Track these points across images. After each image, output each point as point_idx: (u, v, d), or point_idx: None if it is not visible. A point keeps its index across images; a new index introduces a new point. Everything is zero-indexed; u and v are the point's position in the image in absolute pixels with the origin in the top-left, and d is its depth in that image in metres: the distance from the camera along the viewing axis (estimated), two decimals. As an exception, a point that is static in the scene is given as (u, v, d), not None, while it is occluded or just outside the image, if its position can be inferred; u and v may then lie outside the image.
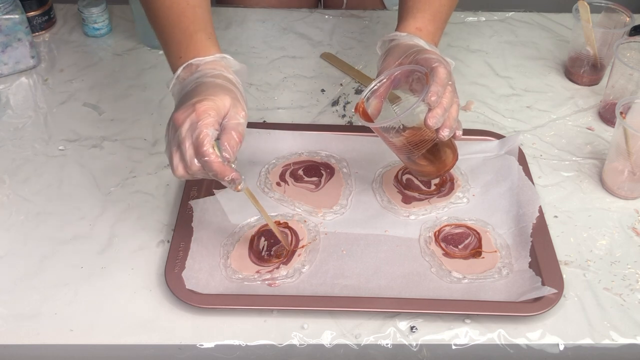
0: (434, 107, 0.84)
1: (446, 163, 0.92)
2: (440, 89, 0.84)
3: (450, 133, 0.86)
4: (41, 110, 1.16)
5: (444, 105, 0.85)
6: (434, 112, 0.84)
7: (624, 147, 0.98)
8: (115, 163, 1.06)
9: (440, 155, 0.92)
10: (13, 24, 1.18)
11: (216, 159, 0.79)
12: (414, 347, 0.84)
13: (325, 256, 0.93)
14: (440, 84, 0.84)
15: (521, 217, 0.97)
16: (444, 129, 0.86)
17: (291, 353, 0.84)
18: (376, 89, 0.91)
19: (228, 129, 0.81)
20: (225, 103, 0.81)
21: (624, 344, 0.85)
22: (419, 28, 0.96)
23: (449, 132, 0.86)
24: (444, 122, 0.85)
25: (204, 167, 0.80)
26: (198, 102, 0.80)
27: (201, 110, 0.79)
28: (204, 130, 0.78)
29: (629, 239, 0.97)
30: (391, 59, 0.93)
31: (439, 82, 0.84)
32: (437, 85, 0.84)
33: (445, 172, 0.93)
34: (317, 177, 1.04)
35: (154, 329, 0.85)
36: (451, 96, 0.86)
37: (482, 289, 0.89)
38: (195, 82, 0.86)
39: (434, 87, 0.83)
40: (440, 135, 0.86)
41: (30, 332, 0.84)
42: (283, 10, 1.39)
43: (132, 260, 0.92)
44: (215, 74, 0.86)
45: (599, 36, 1.17)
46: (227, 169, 0.80)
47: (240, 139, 0.81)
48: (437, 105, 0.84)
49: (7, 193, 1.01)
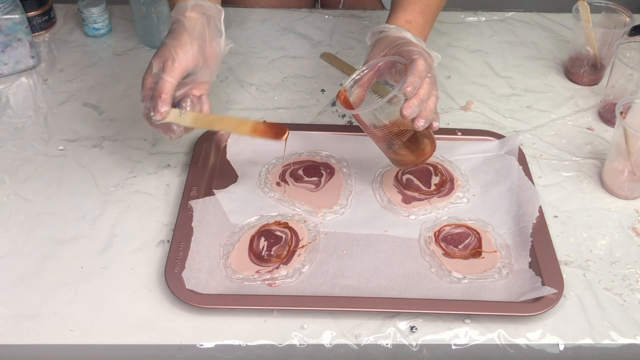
0: (409, 98, 0.86)
1: (424, 153, 0.94)
2: (417, 80, 0.86)
3: (425, 124, 0.88)
4: (41, 110, 1.16)
5: (421, 97, 0.87)
6: (410, 103, 0.86)
7: (624, 147, 0.98)
8: (115, 163, 1.06)
9: (419, 145, 0.93)
10: (13, 24, 1.18)
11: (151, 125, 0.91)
12: (414, 347, 0.84)
13: (325, 256, 0.93)
14: (417, 75, 0.86)
15: (521, 217, 0.97)
16: (420, 120, 0.87)
17: (291, 353, 0.84)
18: (359, 78, 0.94)
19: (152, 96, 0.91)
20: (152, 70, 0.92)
21: (624, 344, 0.85)
22: (409, 20, 0.98)
23: (424, 122, 0.88)
24: (420, 113, 0.87)
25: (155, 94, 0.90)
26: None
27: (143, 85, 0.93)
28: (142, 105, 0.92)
29: (629, 239, 0.97)
30: (377, 50, 0.95)
31: (417, 73, 0.86)
32: (414, 77, 0.86)
33: (422, 162, 0.95)
34: (317, 177, 1.04)
35: (154, 329, 0.85)
36: (429, 88, 0.88)
37: (482, 289, 0.89)
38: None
39: (410, 78, 0.85)
40: (415, 125, 0.88)
41: (30, 332, 0.84)
42: (283, 10, 1.39)
43: (132, 260, 0.92)
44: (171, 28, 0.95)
45: (599, 36, 1.17)
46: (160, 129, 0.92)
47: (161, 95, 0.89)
48: (414, 95, 0.86)
49: (7, 193, 1.01)
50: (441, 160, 1.06)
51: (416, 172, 1.04)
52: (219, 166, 1.05)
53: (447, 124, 1.14)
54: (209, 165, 1.04)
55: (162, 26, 1.26)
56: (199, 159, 1.04)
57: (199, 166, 1.03)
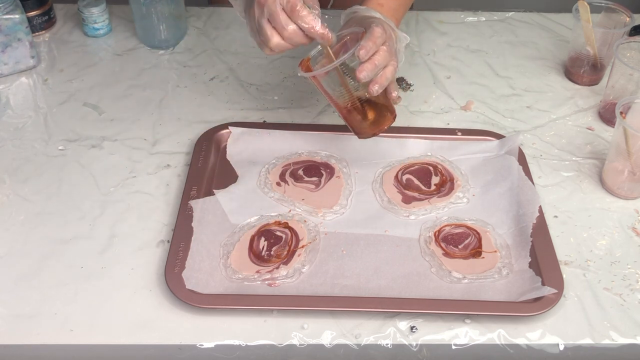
0: (363, 61, 0.89)
1: (383, 122, 0.97)
2: (370, 45, 0.89)
3: (379, 89, 0.91)
4: (41, 110, 1.16)
5: (375, 62, 0.89)
6: (364, 66, 0.89)
7: (624, 147, 0.98)
8: (115, 163, 1.06)
9: (378, 114, 0.97)
10: (13, 24, 1.18)
11: (309, 14, 0.86)
12: (414, 347, 0.84)
13: (325, 256, 0.93)
14: (372, 40, 0.89)
15: (521, 217, 0.97)
16: (374, 85, 0.90)
17: (291, 353, 0.84)
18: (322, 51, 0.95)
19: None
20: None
21: (624, 344, 0.85)
22: (381, 4, 1.01)
23: (378, 87, 0.91)
24: (376, 78, 0.90)
25: (300, 26, 0.87)
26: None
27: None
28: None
29: (629, 239, 0.97)
30: (346, 27, 0.99)
31: (371, 39, 0.89)
32: (367, 41, 0.89)
33: (380, 131, 0.97)
34: (317, 177, 1.04)
35: (154, 329, 0.85)
36: (385, 55, 0.91)
37: (482, 289, 0.89)
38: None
39: (364, 42, 0.89)
40: (370, 89, 0.91)
41: (30, 332, 0.84)
42: (283, 10, 1.39)
43: (132, 260, 0.92)
44: None
45: (599, 36, 1.17)
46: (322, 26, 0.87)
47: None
48: (368, 60, 0.89)
49: (7, 193, 1.01)
50: (441, 160, 1.06)
51: (416, 172, 1.04)
52: (219, 166, 1.05)
53: (447, 124, 1.14)
54: (209, 165, 1.04)
55: (162, 26, 1.26)
56: (199, 159, 1.04)
57: (199, 166, 1.03)
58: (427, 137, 1.09)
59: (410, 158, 1.07)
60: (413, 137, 1.09)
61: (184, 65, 1.25)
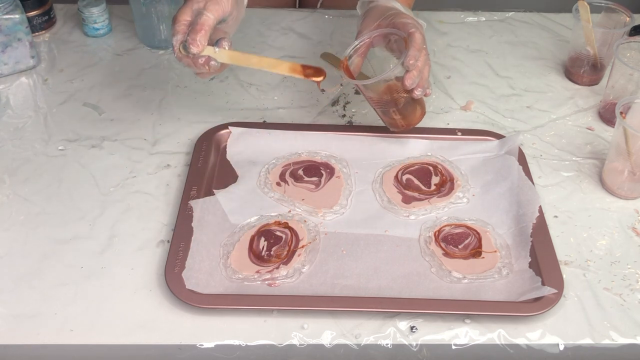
0: (411, 70, 0.96)
1: (414, 117, 1.04)
2: (417, 54, 0.96)
3: (422, 92, 0.99)
4: (41, 110, 1.16)
5: (419, 68, 0.97)
6: (411, 74, 0.96)
7: (624, 147, 0.98)
8: (115, 163, 1.06)
9: (410, 110, 1.03)
10: (13, 24, 1.18)
11: (183, 57, 0.92)
12: (414, 347, 0.84)
13: (325, 256, 0.93)
14: (417, 48, 0.96)
15: (521, 217, 0.97)
16: (418, 89, 0.98)
17: (291, 353, 0.84)
18: (358, 48, 1.02)
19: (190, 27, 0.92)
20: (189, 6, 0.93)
21: (624, 344, 0.85)
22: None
23: (421, 91, 0.99)
24: (418, 83, 0.97)
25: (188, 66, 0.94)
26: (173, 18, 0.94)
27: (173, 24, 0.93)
28: (173, 39, 0.93)
29: (629, 239, 0.97)
30: (369, 20, 1.03)
31: (416, 47, 0.96)
32: (414, 50, 0.96)
33: (413, 125, 1.05)
34: (317, 177, 1.04)
35: (154, 329, 0.85)
36: (425, 59, 0.98)
37: (482, 289, 0.89)
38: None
39: (412, 52, 0.95)
40: (414, 94, 0.98)
41: (30, 332, 0.84)
42: (283, 10, 1.39)
43: (132, 260, 0.92)
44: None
45: (599, 36, 1.17)
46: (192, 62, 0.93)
47: (199, 28, 0.90)
48: (414, 68, 0.96)
49: (7, 193, 1.01)
50: (441, 160, 1.06)
51: (416, 172, 1.04)
52: (219, 166, 1.05)
53: (447, 124, 1.14)
54: (209, 165, 1.04)
55: (162, 26, 1.26)
56: (199, 159, 1.04)
57: (199, 166, 1.03)
58: (427, 137, 1.09)
59: (410, 158, 1.07)
60: (413, 137, 1.09)
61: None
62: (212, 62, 0.93)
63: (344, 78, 1.01)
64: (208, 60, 0.93)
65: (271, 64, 0.95)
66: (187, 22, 0.93)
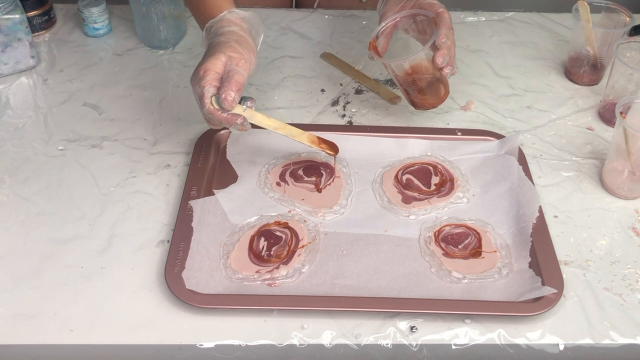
0: (442, 48, 0.99)
1: (439, 97, 1.08)
2: (448, 32, 0.99)
3: (451, 70, 1.02)
4: (41, 110, 1.16)
5: (449, 46, 1.00)
6: (442, 52, 0.99)
7: (624, 147, 0.98)
8: (115, 163, 1.06)
9: (434, 89, 1.07)
10: (13, 24, 1.18)
11: (215, 111, 0.91)
12: (414, 347, 0.84)
13: (325, 256, 0.93)
14: (448, 26, 0.99)
15: (521, 217, 0.97)
16: (448, 67, 1.02)
17: (291, 353, 0.84)
18: (383, 30, 1.06)
19: (224, 82, 0.91)
20: (221, 59, 0.93)
21: (624, 344, 0.85)
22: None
23: (450, 69, 1.02)
24: (449, 61, 1.01)
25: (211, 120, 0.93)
26: (199, 66, 0.93)
27: (201, 73, 0.92)
28: (202, 90, 0.91)
29: (629, 239, 0.97)
30: (393, 3, 1.07)
31: (447, 25, 1.00)
32: (445, 28, 0.99)
33: (437, 105, 1.09)
34: (317, 177, 1.04)
35: (154, 329, 0.85)
36: (453, 38, 1.02)
37: (482, 289, 0.89)
38: (208, 44, 0.98)
39: (443, 30, 0.99)
40: (444, 72, 1.02)
41: (30, 332, 0.84)
42: (283, 10, 1.39)
43: (132, 260, 0.92)
44: (221, 31, 0.97)
45: (599, 36, 1.17)
46: (226, 118, 0.92)
47: (236, 86, 0.91)
48: (445, 46, 0.99)
49: (7, 193, 1.01)
50: (441, 160, 1.06)
51: (416, 172, 1.04)
52: (219, 166, 1.05)
53: (447, 124, 1.14)
54: (209, 165, 1.04)
55: (162, 26, 1.26)
56: (199, 159, 1.04)
57: (199, 166, 1.03)
58: (427, 137, 1.09)
59: (410, 158, 1.07)
60: (413, 137, 1.09)
61: (184, 65, 1.25)
62: (246, 123, 0.92)
63: (376, 58, 1.05)
64: (243, 121, 0.92)
65: (293, 133, 0.99)
66: (218, 75, 0.92)
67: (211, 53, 0.94)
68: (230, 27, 0.98)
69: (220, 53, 0.93)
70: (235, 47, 0.94)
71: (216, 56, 0.93)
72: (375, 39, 1.06)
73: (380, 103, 1.18)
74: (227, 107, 0.91)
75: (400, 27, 1.07)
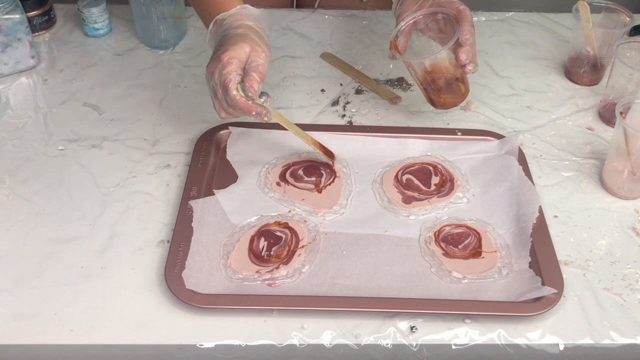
0: (465, 45, 0.99)
1: (459, 95, 1.08)
2: (471, 29, 1.00)
3: (474, 68, 1.02)
4: (41, 110, 1.16)
5: (472, 43, 1.00)
6: (465, 49, 1.00)
7: (624, 147, 0.98)
8: (115, 163, 1.06)
9: (454, 88, 1.07)
10: (13, 24, 1.18)
11: (241, 98, 0.91)
12: (414, 347, 0.84)
13: (325, 256, 0.93)
14: (470, 23, 1.00)
15: (521, 217, 0.97)
16: (471, 64, 1.01)
17: (291, 353, 0.84)
18: (403, 29, 1.06)
19: (249, 71, 0.92)
20: (245, 49, 0.93)
21: (624, 344, 0.85)
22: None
23: (473, 66, 1.02)
24: (471, 58, 1.01)
25: (233, 107, 0.93)
26: (222, 53, 0.93)
27: (225, 60, 0.92)
28: (228, 77, 0.91)
29: (629, 239, 0.97)
30: (410, 2, 1.07)
31: (469, 22, 1.00)
32: (468, 25, 1.00)
33: (456, 104, 1.09)
34: (317, 177, 1.04)
35: (154, 329, 0.85)
36: (474, 34, 1.02)
37: (482, 289, 0.89)
38: (222, 35, 0.98)
39: (466, 27, 0.99)
40: (467, 69, 1.02)
41: (30, 332, 0.84)
42: (283, 10, 1.39)
43: (132, 260, 0.92)
44: (237, 24, 0.98)
45: (599, 36, 1.17)
46: (251, 106, 0.91)
47: (260, 77, 0.92)
48: (468, 43, 0.99)
49: (7, 193, 1.01)
50: (441, 160, 1.06)
51: (416, 172, 1.04)
52: (219, 166, 1.05)
53: (447, 124, 1.14)
54: (209, 165, 1.04)
55: (162, 26, 1.26)
56: (199, 159, 1.04)
57: (199, 166, 1.03)
58: (427, 137, 1.09)
59: (410, 158, 1.07)
60: (413, 137, 1.09)
61: (184, 65, 1.25)
62: (269, 115, 0.93)
63: (398, 57, 1.05)
64: (267, 112, 0.92)
65: (300, 133, 1.01)
66: (242, 63, 0.93)
67: (233, 42, 0.94)
68: (246, 21, 0.99)
69: (244, 43, 0.94)
70: (257, 41, 0.95)
71: (240, 45, 0.93)
72: (395, 38, 1.06)
73: (380, 103, 1.18)
74: (252, 96, 0.91)
75: (419, 26, 1.07)
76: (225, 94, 0.92)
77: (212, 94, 0.95)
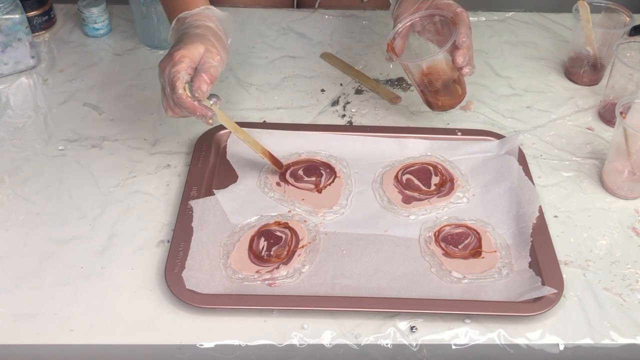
0: (462, 48, 0.99)
1: (456, 97, 1.07)
2: (468, 31, 1.00)
3: (471, 70, 1.02)
4: (41, 110, 1.16)
5: (469, 45, 1.00)
6: (462, 52, 0.99)
7: (624, 147, 0.98)
8: (115, 163, 1.06)
9: (451, 90, 1.07)
10: (13, 24, 1.18)
11: (187, 98, 0.90)
12: (414, 347, 0.84)
13: (325, 256, 0.93)
14: (467, 26, 1.00)
15: (521, 217, 0.97)
16: (467, 67, 1.01)
17: (291, 353, 0.84)
18: (400, 31, 1.06)
19: (199, 72, 0.91)
20: (200, 50, 0.93)
21: (624, 344, 0.85)
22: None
23: (470, 69, 1.02)
24: (468, 61, 1.00)
25: (179, 106, 0.91)
26: (175, 51, 0.92)
27: (176, 58, 0.91)
28: (177, 75, 0.90)
29: (629, 239, 0.97)
30: (407, 4, 1.06)
31: (466, 24, 1.00)
32: (465, 28, 1.00)
33: (453, 106, 1.08)
34: (317, 177, 1.04)
35: (154, 329, 0.85)
36: (471, 37, 1.01)
37: (482, 289, 0.89)
38: (181, 33, 0.97)
39: (463, 29, 0.99)
40: (464, 71, 1.01)
41: (30, 332, 0.84)
42: (283, 10, 1.39)
43: (132, 260, 0.92)
44: (198, 24, 0.97)
45: (599, 36, 1.17)
46: (197, 107, 0.91)
47: (210, 79, 0.91)
48: (465, 45, 0.99)
49: (7, 193, 1.01)
50: (441, 160, 1.06)
51: (416, 172, 1.04)
52: (219, 166, 1.05)
53: (447, 124, 1.14)
54: (209, 165, 1.04)
55: (162, 26, 1.26)
56: (199, 159, 1.04)
57: (199, 166, 1.03)
58: (427, 137, 1.09)
59: (410, 158, 1.07)
60: (413, 137, 1.09)
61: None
62: (215, 118, 0.92)
63: (395, 59, 1.05)
64: (213, 115, 0.91)
65: (249, 140, 0.99)
66: (194, 63, 0.92)
67: (189, 41, 0.93)
68: (207, 22, 0.98)
69: (199, 43, 0.93)
70: (214, 43, 0.95)
71: (195, 45, 0.93)
72: (392, 40, 1.05)
73: (380, 103, 1.18)
74: (199, 97, 0.90)
75: (417, 28, 1.07)
76: (172, 92, 0.91)
77: (161, 91, 0.95)
